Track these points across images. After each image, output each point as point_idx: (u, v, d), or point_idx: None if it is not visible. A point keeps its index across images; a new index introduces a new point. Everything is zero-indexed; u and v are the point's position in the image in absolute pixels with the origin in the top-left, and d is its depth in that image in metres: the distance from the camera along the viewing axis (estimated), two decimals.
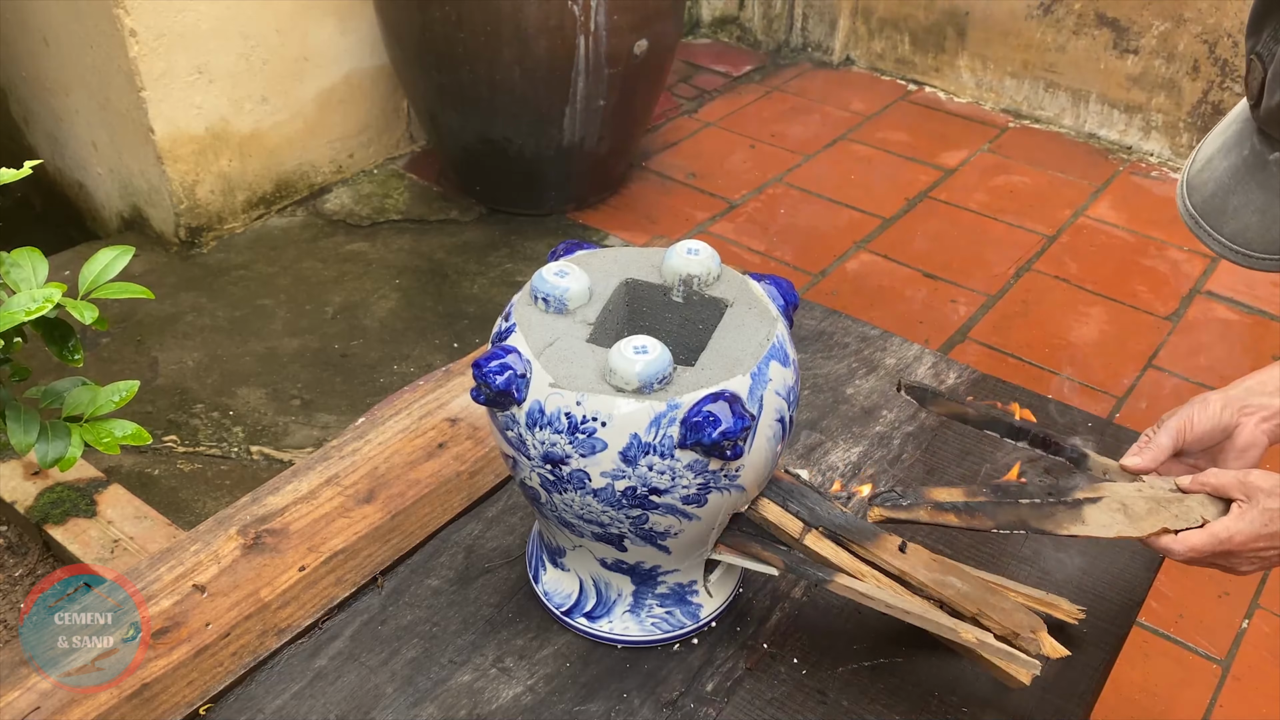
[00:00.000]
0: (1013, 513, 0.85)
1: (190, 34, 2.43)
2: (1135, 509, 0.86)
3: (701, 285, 0.97)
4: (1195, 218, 0.82)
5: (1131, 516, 0.86)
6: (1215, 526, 0.86)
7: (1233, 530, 0.85)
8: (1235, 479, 0.88)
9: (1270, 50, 0.73)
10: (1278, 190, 0.77)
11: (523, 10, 2.44)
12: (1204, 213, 0.82)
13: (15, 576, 1.79)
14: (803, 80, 3.55)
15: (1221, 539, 0.85)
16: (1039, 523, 0.85)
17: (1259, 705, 1.69)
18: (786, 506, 0.97)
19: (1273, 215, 0.77)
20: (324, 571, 1.07)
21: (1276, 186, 0.77)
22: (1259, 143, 0.78)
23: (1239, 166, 0.79)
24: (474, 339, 2.38)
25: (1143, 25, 3.06)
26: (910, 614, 0.92)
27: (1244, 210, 0.79)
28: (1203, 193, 0.82)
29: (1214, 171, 0.82)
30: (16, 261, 0.94)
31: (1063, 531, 0.85)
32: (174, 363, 2.29)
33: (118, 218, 2.75)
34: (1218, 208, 0.81)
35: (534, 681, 0.97)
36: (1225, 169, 0.81)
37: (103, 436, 0.95)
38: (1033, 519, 0.85)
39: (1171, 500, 0.88)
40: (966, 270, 2.64)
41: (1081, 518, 0.85)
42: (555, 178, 2.78)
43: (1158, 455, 0.96)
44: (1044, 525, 0.85)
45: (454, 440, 1.24)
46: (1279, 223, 0.77)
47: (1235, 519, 0.86)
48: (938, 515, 0.86)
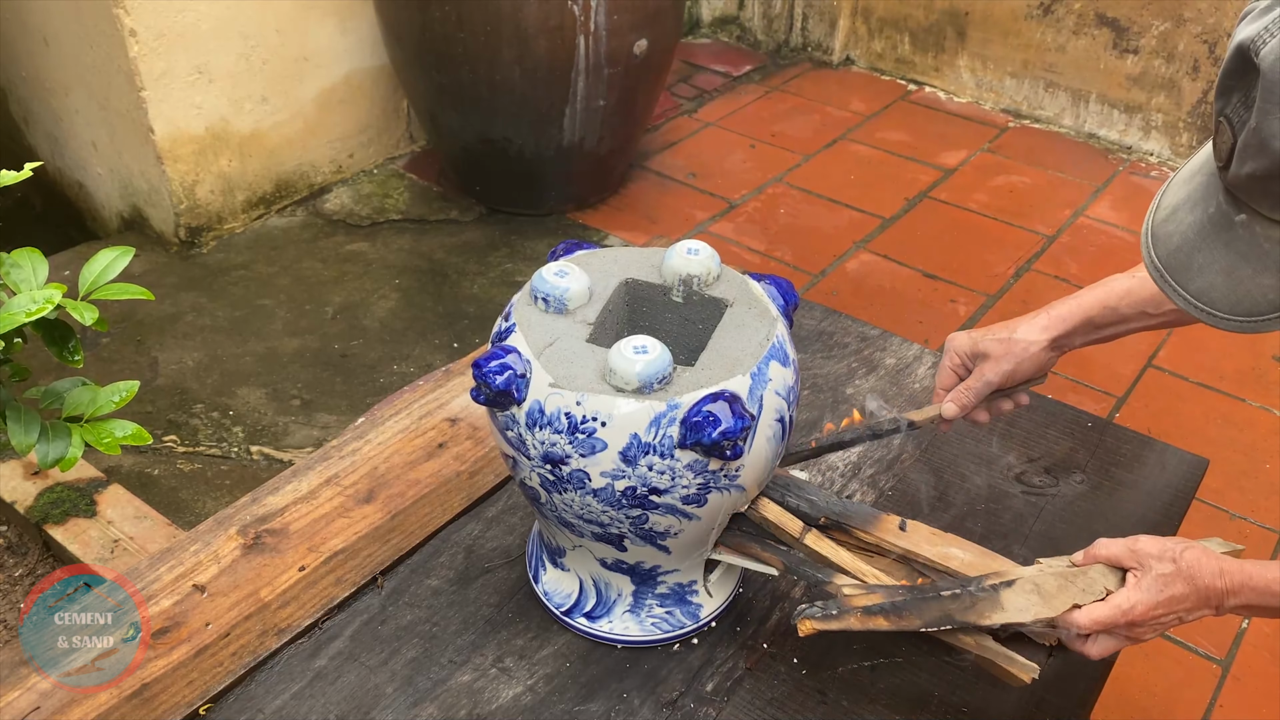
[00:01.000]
0: (937, 608, 0.88)
1: (190, 34, 2.43)
2: (1046, 588, 0.89)
3: (701, 285, 0.97)
4: (1160, 271, 0.82)
5: (1044, 596, 0.89)
6: (1117, 598, 0.88)
7: (1134, 600, 0.87)
8: (1124, 548, 0.90)
9: (1240, 117, 0.72)
10: (1243, 253, 0.77)
11: (523, 10, 2.44)
12: (1169, 266, 0.81)
13: (15, 576, 1.79)
14: (803, 80, 3.55)
15: (1124, 609, 0.87)
16: (963, 615, 0.88)
17: (1259, 705, 1.69)
18: (785, 502, 0.97)
19: (1238, 277, 0.77)
20: (324, 571, 1.07)
21: (1242, 249, 0.77)
22: (1225, 202, 0.77)
23: (1205, 223, 0.79)
24: (474, 339, 2.38)
25: (1143, 25, 3.06)
26: None
27: (1209, 269, 0.78)
28: (1168, 245, 0.82)
29: (1179, 224, 0.81)
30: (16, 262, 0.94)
31: (984, 621, 0.88)
32: (174, 363, 2.29)
33: (118, 218, 2.75)
34: (1183, 263, 0.80)
35: (534, 681, 0.97)
36: (1191, 224, 0.80)
37: (103, 437, 0.95)
38: (957, 612, 0.88)
39: (1076, 575, 0.90)
40: (966, 270, 2.64)
41: (1000, 604, 0.88)
42: (555, 178, 2.78)
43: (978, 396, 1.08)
44: (967, 617, 0.88)
45: (454, 440, 1.24)
46: (1244, 284, 0.77)
47: (1133, 589, 0.88)
48: (868, 621, 0.88)
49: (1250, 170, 0.72)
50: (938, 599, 0.88)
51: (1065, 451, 1.26)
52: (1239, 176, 0.74)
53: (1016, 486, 1.21)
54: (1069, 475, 1.23)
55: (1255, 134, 0.70)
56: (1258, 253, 0.76)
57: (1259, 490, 2.05)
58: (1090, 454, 1.26)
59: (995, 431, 1.28)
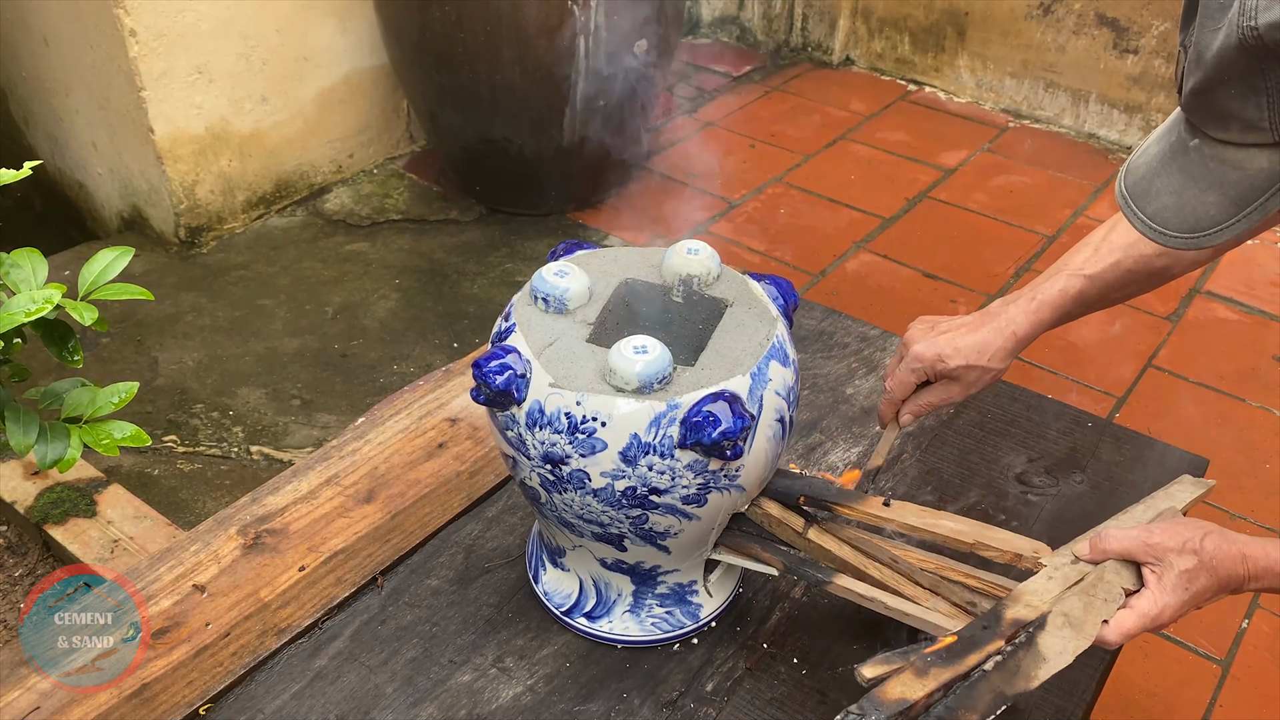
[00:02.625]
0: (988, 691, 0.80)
1: (190, 34, 2.43)
2: (1073, 614, 0.84)
3: (701, 285, 0.97)
4: (1125, 198, 0.88)
5: (1075, 625, 0.83)
6: (1143, 604, 0.85)
7: (1161, 604, 0.84)
8: (1138, 542, 0.87)
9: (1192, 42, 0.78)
10: (1192, 174, 0.82)
11: (523, 10, 2.44)
12: (1133, 194, 0.87)
13: (15, 576, 1.79)
14: (803, 80, 3.55)
15: (1153, 616, 0.84)
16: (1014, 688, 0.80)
17: (1259, 705, 1.69)
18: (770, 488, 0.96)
19: (1186, 197, 0.82)
20: (324, 571, 1.07)
21: (1192, 170, 0.82)
22: (1184, 130, 0.83)
23: (1166, 151, 0.85)
24: (474, 339, 2.38)
25: (1143, 25, 3.06)
26: (909, 615, 0.92)
27: (1164, 192, 0.84)
28: (1135, 175, 0.88)
29: (1147, 156, 0.87)
30: (16, 262, 0.93)
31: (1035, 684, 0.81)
32: (174, 363, 2.29)
33: (118, 218, 2.75)
34: (1144, 190, 0.86)
35: (534, 681, 0.97)
36: (1156, 154, 0.86)
37: (102, 438, 0.95)
38: (1007, 686, 0.80)
39: (1094, 584, 0.86)
40: (966, 270, 2.64)
41: (1041, 654, 0.82)
42: (555, 178, 2.78)
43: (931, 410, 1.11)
44: (1018, 686, 0.80)
45: (454, 440, 1.24)
46: (1191, 204, 0.82)
47: (1158, 591, 0.85)
48: None
49: (1192, 85, 0.78)
50: (985, 678, 0.81)
51: (1065, 451, 1.26)
52: (1186, 96, 0.79)
53: (1016, 486, 1.21)
54: (1069, 475, 1.23)
55: (1195, 49, 0.76)
56: (1204, 172, 0.81)
57: (1259, 490, 2.05)
58: (1090, 454, 1.26)
59: (995, 431, 1.28)
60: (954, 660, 0.80)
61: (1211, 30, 0.73)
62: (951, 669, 0.80)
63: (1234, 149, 0.78)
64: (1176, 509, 0.97)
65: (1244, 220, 0.80)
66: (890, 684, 0.79)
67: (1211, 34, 0.73)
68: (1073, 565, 0.89)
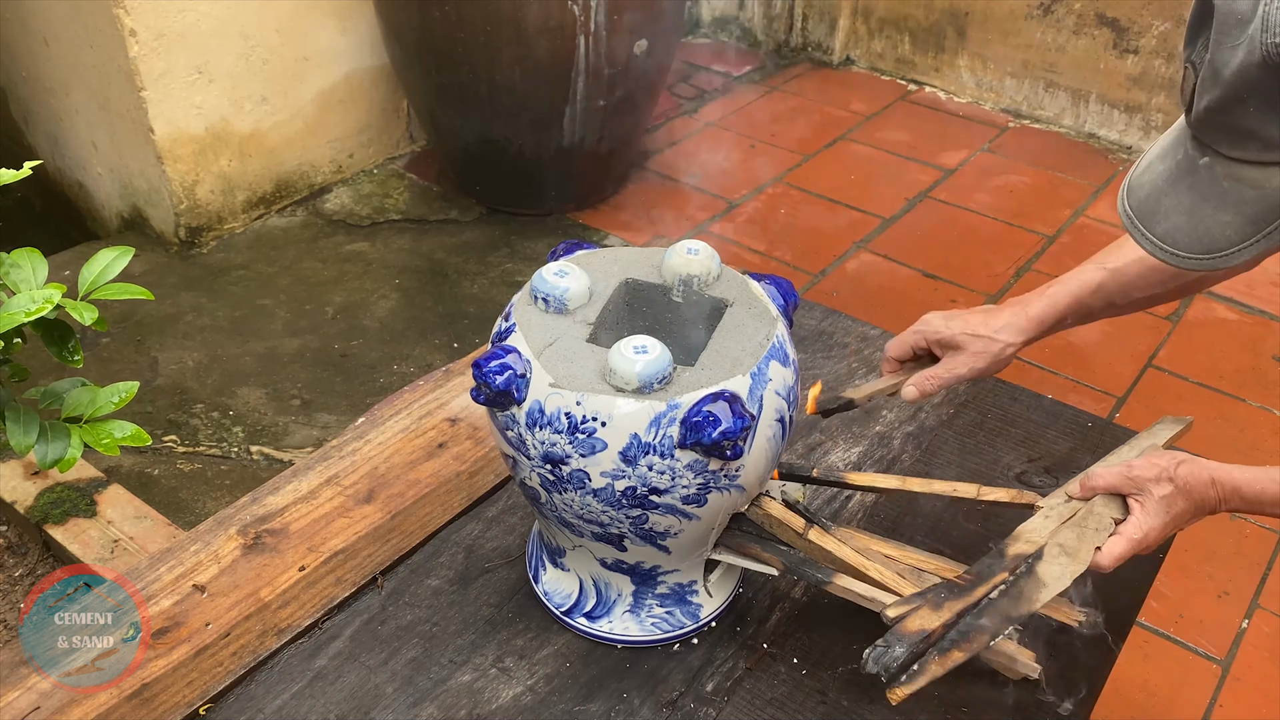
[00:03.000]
0: (996, 614, 0.88)
1: (190, 34, 2.43)
2: (1068, 544, 0.92)
3: (701, 285, 0.97)
4: (1131, 217, 0.86)
5: (1070, 553, 0.91)
6: (1129, 529, 0.92)
7: (1145, 528, 0.92)
8: (1120, 476, 0.94)
9: (1201, 59, 0.75)
10: (1204, 193, 0.80)
11: (523, 10, 2.44)
12: (1139, 214, 0.85)
13: (15, 576, 1.79)
14: (803, 80, 3.55)
15: (1138, 539, 0.92)
16: (1018, 610, 0.88)
17: (1259, 705, 1.69)
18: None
19: (1199, 216, 0.81)
20: (324, 571, 1.07)
21: (1203, 190, 0.80)
22: (1192, 148, 0.81)
23: (1173, 170, 0.83)
24: (474, 339, 2.38)
25: (1143, 25, 3.06)
26: None
27: (1174, 212, 0.82)
28: (1139, 194, 0.86)
29: (1151, 174, 0.85)
30: (16, 262, 0.93)
31: (1037, 606, 0.89)
32: (174, 363, 2.29)
33: (118, 218, 2.75)
34: (1151, 209, 0.84)
35: (534, 681, 0.97)
36: (1161, 172, 0.84)
37: (102, 437, 0.95)
38: (1012, 609, 0.88)
39: (1085, 515, 0.94)
40: (966, 270, 2.64)
41: (1041, 580, 0.90)
42: (555, 178, 2.78)
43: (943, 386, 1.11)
44: (1022, 609, 0.88)
45: (454, 440, 1.24)
46: (1204, 223, 0.80)
47: (1142, 516, 0.92)
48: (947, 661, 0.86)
49: (1207, 103, 0.76)
50: (991, 604, 0.88)
51: (1065, 451, 1.26)
52: (1199, 114, 0.77)
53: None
54: (1069, 475, 1.22)
55: (1210, 66, 0.74)
56: (1218, 191, 0.79)
57: None
58: (1090, 454, 1.26)
59: (995, 431, 1.28)
60: (964, 593, 0.88)
61: (1230, 47, 0.72)
62: (963, 600, 0.88)
63: (1251, 167, 0.76)
64: (1158, 445, 1.06)
65: (1264, 240, 0.78)
66: (910, 619, 0.86)
67: (1230, 51, 0.72)
68: (1066, 504, 0.96)
